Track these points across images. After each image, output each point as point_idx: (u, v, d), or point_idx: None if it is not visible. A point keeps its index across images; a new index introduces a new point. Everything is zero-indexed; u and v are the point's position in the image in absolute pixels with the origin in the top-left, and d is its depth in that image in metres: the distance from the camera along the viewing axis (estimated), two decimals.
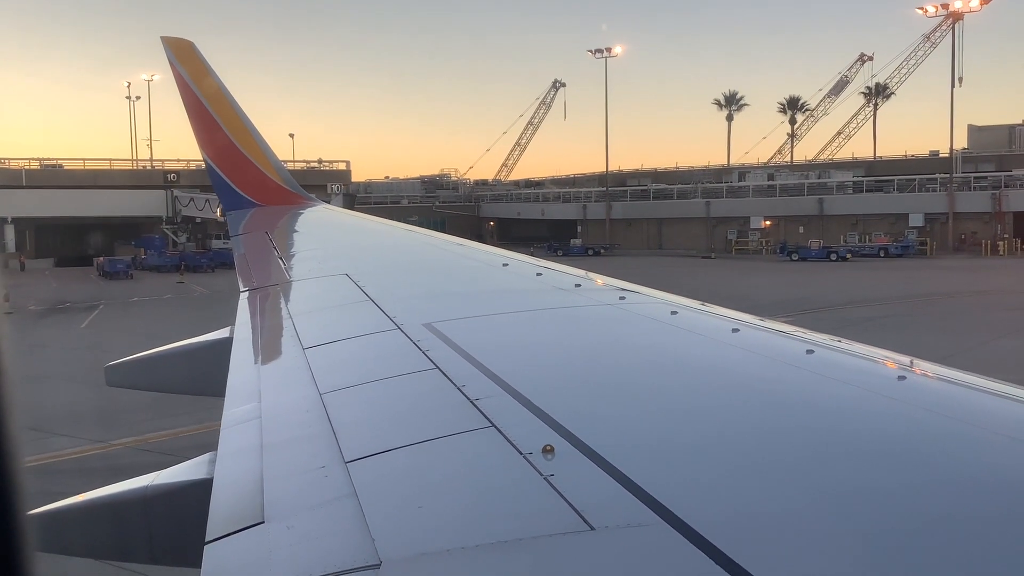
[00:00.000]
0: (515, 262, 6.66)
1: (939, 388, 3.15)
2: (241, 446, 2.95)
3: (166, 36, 12.08)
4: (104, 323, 40.13)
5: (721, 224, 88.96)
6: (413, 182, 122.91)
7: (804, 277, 57.81)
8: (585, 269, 6.34)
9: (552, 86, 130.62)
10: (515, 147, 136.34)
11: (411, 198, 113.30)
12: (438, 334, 3.95)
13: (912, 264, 67.31)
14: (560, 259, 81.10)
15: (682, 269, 66.69)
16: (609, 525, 1.91)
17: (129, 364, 6.17)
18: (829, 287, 50.60)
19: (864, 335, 32.96)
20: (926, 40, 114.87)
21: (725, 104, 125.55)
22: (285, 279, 6.90)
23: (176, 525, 3.12)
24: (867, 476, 2.19)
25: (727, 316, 4.36)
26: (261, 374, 4.02)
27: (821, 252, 72.88)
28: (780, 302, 43.04)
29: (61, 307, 48.11)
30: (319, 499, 2.34)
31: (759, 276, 59.46)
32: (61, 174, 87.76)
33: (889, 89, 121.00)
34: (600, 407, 2.88)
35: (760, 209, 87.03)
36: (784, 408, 2.86)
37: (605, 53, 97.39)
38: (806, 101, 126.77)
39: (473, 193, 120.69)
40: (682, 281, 53.96)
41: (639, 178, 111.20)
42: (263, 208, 12.17)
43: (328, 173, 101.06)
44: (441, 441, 2.62)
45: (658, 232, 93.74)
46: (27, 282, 59.57)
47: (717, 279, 56.15)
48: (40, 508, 3.37)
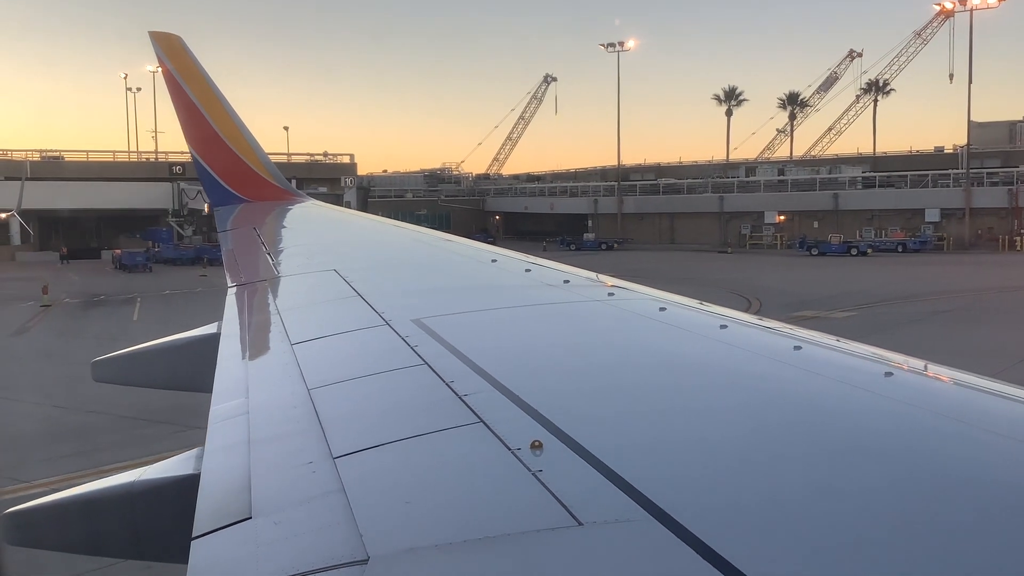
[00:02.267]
0: (504, 258, 6.61)
1: (927, 384, 3.18)
2: (228, 442, 2.93)
3: (154, 31, 12.04)
4: (152, 316, 39.31)
5: (734, 219, 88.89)
6: (416, 176, 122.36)
7: (838, 272, 57.69)
8: (611, 264, 6.46)
9: (543, 80, 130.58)
10: (506, 141, 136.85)
11: (415, 192, 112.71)
12: (427, 330, 3.94)
13: (936, 259, 67.60)
14: (574, 253, 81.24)
15: (711, 263, 66.69)
16: (597, 520, 1.92)
17: (116, 359, 6.09)
18: (872, 282, 50.45)
19: (946, 330, 32.91)
20: (917, 36, 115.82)
21: (724, 99, 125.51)
22: (273, 275, 6.85)
23: (163, 521, 3.11)
24: (853, 472, 2.21)
25: (715, 312, 4.38)
26: (249, 370, 4.00)
27: (841, 247, 72.91)
28: (832, 296, 42.98)
29: (97, 300, 47.14)
30: (307, 495, 2.33)
31: (792, 271, 59.30)
32: (64, 166, 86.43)
33: (889, 85, 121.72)
34: (588, 403, 2.89)
35: (774, 204, 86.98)
36: (772, 404, 2.87)
37: (618, 47, 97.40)
38: (806, 97, 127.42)
39: (476, 187, 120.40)
40: (717, 276, 53.89)
41: (642, 172, 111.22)
42: (251, 204, 12.19)
43: (333, 167, 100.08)
44: (429, 437, 2.61)
45: (670, 226, 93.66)
46: (44, 275, 58.39)
47: (753, 273, 56.02)
48: (22, 505, 3.39)
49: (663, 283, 32.73)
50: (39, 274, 61.21)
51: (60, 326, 36.68)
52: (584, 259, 71.36)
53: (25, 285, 54.00)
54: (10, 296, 47.78)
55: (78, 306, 44.85)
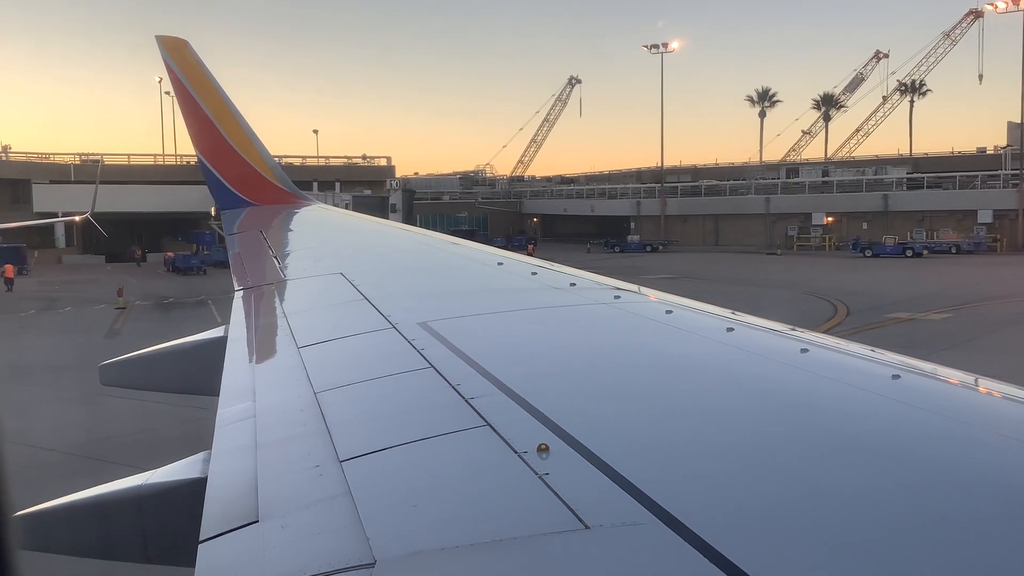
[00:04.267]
0: (510, 261, 6.58)
1: (934, 387, 3.15)
2: (235, 445, 2.94)
3: (160, 35, 12.12)
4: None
5: (780, 220, 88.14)
6: (452, 178, 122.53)
7: (904, 273, 56.70)
8: (663, 266, 6.32)
9: (568, 82, 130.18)
10: (531, 143, 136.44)
11: (451, 194, 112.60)
12: (433, 333, 3.95)
13: (995, 260, 66.61)
14: (618, 255, 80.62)
15: (767, 265, 65.86)
16: (604, 524, 1.91)
17: (123, 363, 6.04)
18: (944, 283, 49.49)
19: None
20: (946, 37, 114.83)
21: (758, 100, 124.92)
22: (280, 278, 6.84)
23: (170, 524, 3.12)
24: (861, 475, 2.19)
25: (721, 315, 4.36)
26: (256, 373, 4.01)
27: (896, 248, 72.10)
28: (915, 298, 42.24)
29: (167, 302, 46.83)
30: (314, 498, 2.33)
31: (856, 272, 58.29)
32: (104, 170, 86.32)
33: (926, 86, 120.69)
34: (595, 406, 2.88)
35: (821, 205, 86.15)
36: (779, 407, 2.85)
37: (661, 48, 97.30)
38: (839, 98, 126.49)
39: (511, 189, 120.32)
40: (778, 277, 53.23)
41: (678, 174, 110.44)
42: (258, 207, 12.22)
43: (372, 169, 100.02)
44: (436, 440, 2.61)
45: (714, 228, 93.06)
46: (102, 278, 58.27)
47: (816, 275, 55.26)
48: (31, 508, 3.36)
49: (726, 285, 32.66)
50: (91, 276, 61.29)
51: (147, 328, 36.11)
52: (632, 261, 70.83)
53: (88, 288, 54.00)
54: (82, 299, 47.62)
55: (152, 308, 44.54)
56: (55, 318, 41.24)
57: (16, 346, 32.61)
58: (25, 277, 63.15)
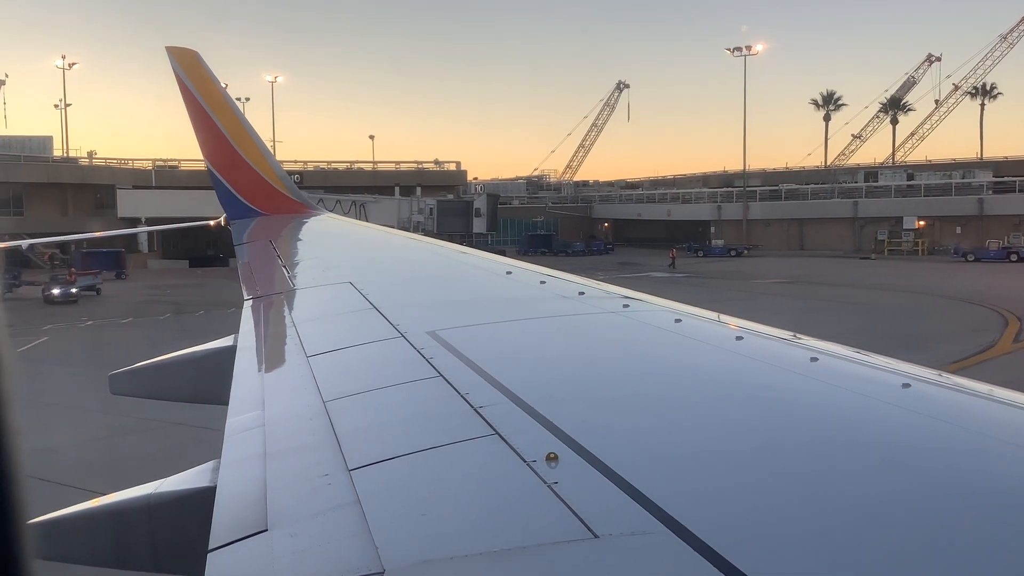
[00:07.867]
0: (519, 270, 6.52)
1: (945, 396, 3.11)
2: (244, 454, 2.93)
3: (170, 46, 12.24)
4: None
5: (868, 224, 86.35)
6: (518, 183, 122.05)
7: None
8: (755, 270, 6.83)
9: (616, 87, 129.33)
10: (579, 148, 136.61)
11: (519, 199, 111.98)
12: (442, 342, 3.92)
13: None
14: (701, 260, 79.09)
15: (870, 270, 64.24)
16: (613, 533, 1.90)
17: (133, 372, 6.06)
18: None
19: None
20: (1003, 40, 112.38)
21: (823, 104, 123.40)
22: (289, 287, 6.87)
23: (179, 533, 3.09)
24: (872, 485, 2.16)
25: (731, 324, 4.31)
26: (265, 382, 4.01)
27: (1000, 252, 70.17)
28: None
29: None
30: (322, 507, 2.32)
31: (980, 277, 56.27)
32: (178, 175, 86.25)
33: (996, 88, 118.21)
34: (604, 415, 2.86)
35: (912, 209, 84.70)
36: (789, 417, 2.83)
37: (744, 51, 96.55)
38: (908, 102, 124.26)
39: (578, 194, 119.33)
40: (899, 282, 51.62)
41: (747, 178, 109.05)
42: (267, 217, 12.29)
43: (443, 174, 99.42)
44: (444, 449, 2.58)
45: (799, 232, 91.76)
46: (202, 281, 57.96)
47: (934, 281, 53.54)
48: (43, 516, 3.33)
49: (858, 290, 31.76)
50: (187, 281, 61.30)
51: None
52: (727, 266, 69.36)
53: (196, 292, 53.48)
54: (204, 303, 46.90)
55: None
56: (198, 321, 40.41)
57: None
58: (124, 282, 62.88)
